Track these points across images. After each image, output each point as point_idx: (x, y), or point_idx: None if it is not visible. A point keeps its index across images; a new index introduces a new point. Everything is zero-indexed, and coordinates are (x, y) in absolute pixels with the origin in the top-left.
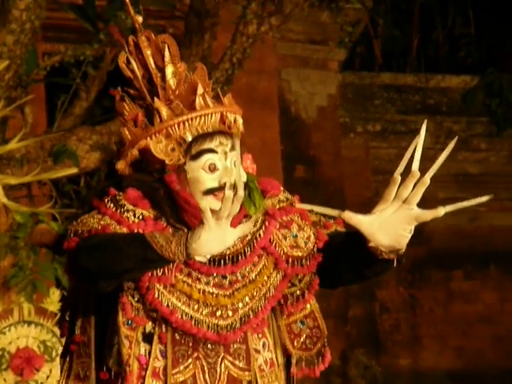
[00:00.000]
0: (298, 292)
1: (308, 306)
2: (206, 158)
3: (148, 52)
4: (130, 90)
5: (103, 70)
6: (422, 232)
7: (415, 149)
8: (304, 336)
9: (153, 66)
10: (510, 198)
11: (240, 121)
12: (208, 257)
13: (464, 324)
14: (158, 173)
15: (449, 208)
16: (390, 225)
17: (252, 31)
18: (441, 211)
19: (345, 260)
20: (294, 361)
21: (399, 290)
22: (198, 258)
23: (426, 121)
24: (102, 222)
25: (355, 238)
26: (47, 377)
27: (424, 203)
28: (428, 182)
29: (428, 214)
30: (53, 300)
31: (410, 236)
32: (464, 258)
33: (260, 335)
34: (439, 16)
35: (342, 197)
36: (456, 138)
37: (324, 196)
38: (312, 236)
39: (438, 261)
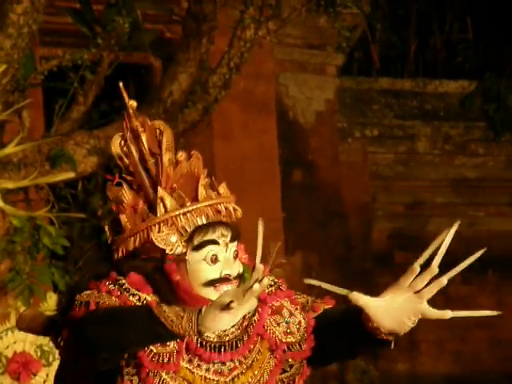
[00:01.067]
0: (290, 378)
1: None
2: (209, 250)
3: (143, 138)
4: (128, 176)
5: (101, 74)
6: (420, 236)
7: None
8: None
9: (148, 152)
10: (507, 203)
11: (238, 210)
12: (219, 334)
13: (461, 329)
14: (157, 261)
15: (456, 313)
16: (396, 311)
17: (249, 36)
18: (447, 314)
19: (338, 337)
20: None
21: None
22: (208, 334)
23: (458, 223)
24: (109, 301)
25: (352, 315)
26: (44, 381)
27: (420, 207)
28: (445, 283)
29: (435, 313)
30: (50, 304)
31: (412, 326)
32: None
33: None
34: (437, 21)
35: (339, 201)
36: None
37: (321, 200)
38: (303, 321)
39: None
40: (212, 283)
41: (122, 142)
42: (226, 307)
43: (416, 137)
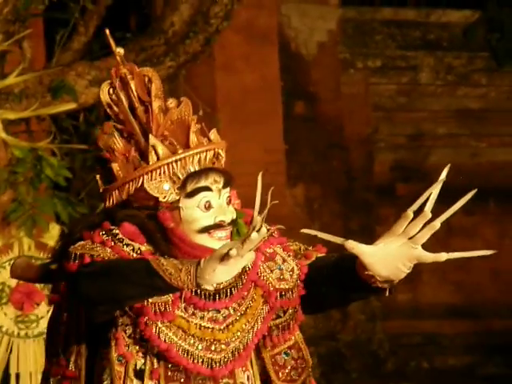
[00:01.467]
0: (284, 324)
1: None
2: (202, 196)
3: (132, 85)
4: (118, 124)
5: (102, 4)
6: (422, 168)
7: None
8: (289, 367)
9: (137, 99)
10: (510, 134)
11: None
12: (215, 285)
13: (463, 259)
14: (150, 210)
15: (451, 255)
16: (391, 258)
17: None
18: (442, 257)
19: (331, 285)
20: None
21: None
22: (206, 286)
23: (448, 166)
24: (104, 253)
25: (347, 262)
26: (47, 311)
27: (422, 138)
28: (438, 226)
29: (430, 257)
30: (52, 235)
31: (407, 272)
32: (464, 193)
33: (244, 368)
34: None
35: (341, 133)
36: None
37: (323, 132)
38: (295, 267)
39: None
40: (206, 229)
41: (111, 90)
42: (226, 256)
43: (419, 67)
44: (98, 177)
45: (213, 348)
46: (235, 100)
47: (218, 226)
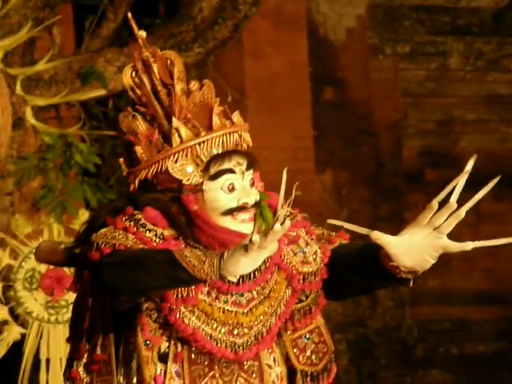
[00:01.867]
0: (306, 308)
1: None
2: (225, 179)
3: (155, 68)
4: (140, 108)
5: None
6: (451, 154)
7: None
8: (309, 351)
9: (160, 82)
10: None
11: (248, 138)
12: (238, 276)
13: (492, 246)
14: (173, 192)
15: (477, 244)
16: (416, 249)
17: None
18: (468, 246)
19: (355, 272)
20: (299, 376)
21: None
22: (229, 278)
23: (475, 156)
24: (126, 240)
25: (371, 251)
26: None
27: (451, 124)
28: (463, 215)
29: (456, 246)
30: (82, 221)
31: (433, 262)
32: (492, 179)
33: (270, 350)
34: None
35: (370, 119)
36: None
37: (352, 118)
38: (318, 251)
39: (468, 183)
40: (230, 212)
41: (134, 73)
42: (249, 246)
43: (448, 53)
44: (121, 160)
45: (235, 332)
46: (264, 86)
47: (242, 208)
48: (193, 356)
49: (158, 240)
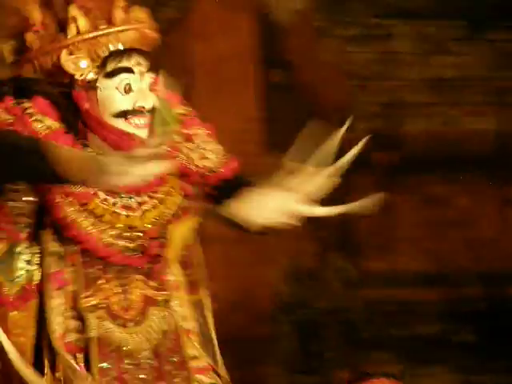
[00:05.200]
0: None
1: None
2: (122, 78)
3: None
4: None
5: None
6: (397, 136)
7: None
8: None
9: None
10: (483, 102)
11: (155, 38)
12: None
13: (437, 228)
14: (64, 87)
15: (329, 210)
16: (267, 208)
17: None
18: (318, 210)
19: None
20: None
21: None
22: (112, 187)
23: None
24: (4, 118)
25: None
26: None
27: (397, 107)
28: (322, 181)
29: (306, 211)
30: None
31: (288, 223)
32: (437, 162)
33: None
34: None
35: (318, 101)
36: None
37: (301, 101)
38: (221, 150)
39: (412, 165)
40: (124, 114)
41: None
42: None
43: (394, 36)
44: (3, 47)
45: (127, 236)
46: (211, 68)
47: (137, 112)
48: (87, 259)
49: (46, 131)
